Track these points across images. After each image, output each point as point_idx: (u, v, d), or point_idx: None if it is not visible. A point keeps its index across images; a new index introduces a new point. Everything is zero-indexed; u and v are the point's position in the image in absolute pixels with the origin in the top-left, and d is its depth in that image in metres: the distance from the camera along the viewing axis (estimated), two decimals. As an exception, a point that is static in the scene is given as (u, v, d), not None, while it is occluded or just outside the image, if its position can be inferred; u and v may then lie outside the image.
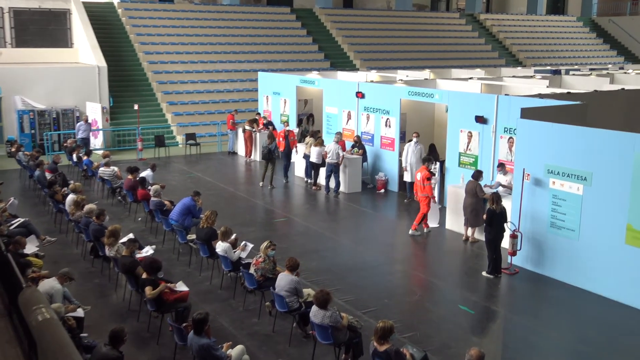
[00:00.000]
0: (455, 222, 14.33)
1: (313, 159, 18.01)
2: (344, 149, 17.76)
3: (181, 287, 9.37)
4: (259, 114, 23.51)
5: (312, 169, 18.44)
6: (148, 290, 8.98)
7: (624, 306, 10.30)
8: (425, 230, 14.17)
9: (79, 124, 22.61)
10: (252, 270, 9.86)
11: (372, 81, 22.08)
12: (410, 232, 14.08)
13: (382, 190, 17.89)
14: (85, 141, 22.17)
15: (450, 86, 19.61)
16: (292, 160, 19.37)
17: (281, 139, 18.80)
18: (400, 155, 18.44)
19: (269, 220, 15.49)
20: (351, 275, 11.76)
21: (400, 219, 15.69)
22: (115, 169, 17.09)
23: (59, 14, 27.60)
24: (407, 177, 16.77)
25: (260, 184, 18.63)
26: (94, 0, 30.60)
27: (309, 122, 22.94)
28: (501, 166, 13.82)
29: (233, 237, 11.27)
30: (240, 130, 23.02)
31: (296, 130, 21.15)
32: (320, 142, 17.94)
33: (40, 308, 3.97)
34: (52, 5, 27.69)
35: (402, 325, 9.38)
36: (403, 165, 16.72)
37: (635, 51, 44.83)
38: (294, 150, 19.26)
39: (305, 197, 17.85)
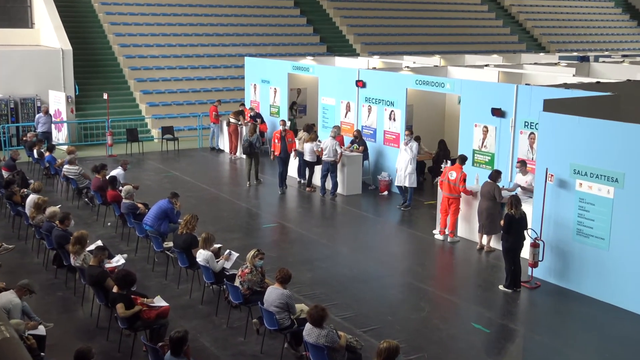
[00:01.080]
0: (468, 228, 14.33)
1: (307, 156, 17.95)
2: (342, 145, 17.72)
3: (159, 302, 9.37)
4: (244, 104, 23.64)
5: (305, 167, 18.41)
6: (120, 309, 9.00)
7: (660, 325, 10.49)
8: (449, 238, 14.19)
9: (37, 116, 22.50)
10: (237, 283, 9.86)
11: (374, 68, 22.09)
12: (448, 239, 14.18)
13: (386, 193, 17.88)
14: (47, 135, 22.12)
15: (463, 74, 19.66)
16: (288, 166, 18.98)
17: (276, 140, 18.08)
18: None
19: (257, 225, 15.51)
20: (350, 288, 11.76)
21: (405, 224, 15.66)
22: (81, 168, 17.21)
23: (18, -10, 27.86)
24: (396, 181, 16.65)
25: (247, 184, 18.77)
26: (57, -26, 30.98)
27: (294, 111, 23.07)
28: (521, 164, 13.97)
29: (216, 244, 11.30)
30: (224, 124, 23.04)
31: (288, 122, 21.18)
32: (314, 137, 17.92)
33: (-2, 325, 3.97)
34: (10, -21, 27.82)
35: (408, 346, 9.38)
36: (396, 166, 16.67)
37: (673, 35, 45.16)
38: (292, 154, 18.58)
39: (298, 200, 17.80)
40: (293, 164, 19.27)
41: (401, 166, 16.34)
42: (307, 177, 18.38)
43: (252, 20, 32.25)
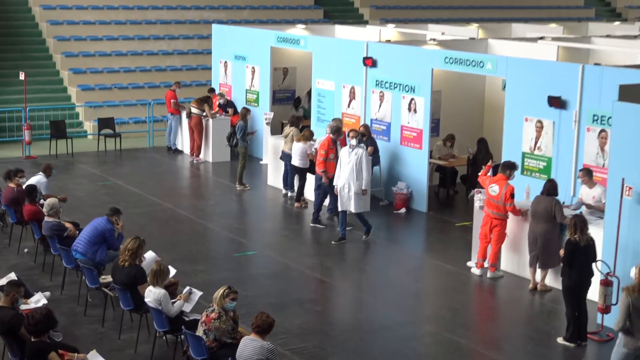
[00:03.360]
0: (514, 260, 14.30)
1: (295, 160, 17.88)
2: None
3: (95, 359, 9.35)
4: (213, 89, 23.47)
5: (294, 175, 18.41)
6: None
7: None
8: (489, 273, 14.12)
9: None
10: (200, 332, 9.80)
11: (388, 41, 22.14)
12: (488, 274, 14.15)
13: (403, 210, 17.81)
14: None
15: (509, 50, 19.43)
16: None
17: (331, 155, 16.61)
18: (431, 156, 18.60)
19: (228, 253, 15.47)
20: (354, 340, 11.72)
21: (431, 253, 15.64)
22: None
23: None
24: (343, 205, 15.75)
25: (237, 187, 19.25)
26: None
27: (309, 100, 22.69)
28: (586, 173, 13.91)
29: (171, 278, 11.28)
30: (184, 115, 22.92)
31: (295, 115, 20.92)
32: (308, 136, 17.91)
33: None
34: None
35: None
36: (334, 183, 16.18)
37: None
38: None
39: (283, 219, 17.79)
40: (274, 165, 19.63)
41: (343, 182, 15.82)
42: (295, 188, 18.35)
43: (222, -26, 32.73)
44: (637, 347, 9.56)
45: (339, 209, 16.07)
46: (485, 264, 14.36)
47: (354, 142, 15.94)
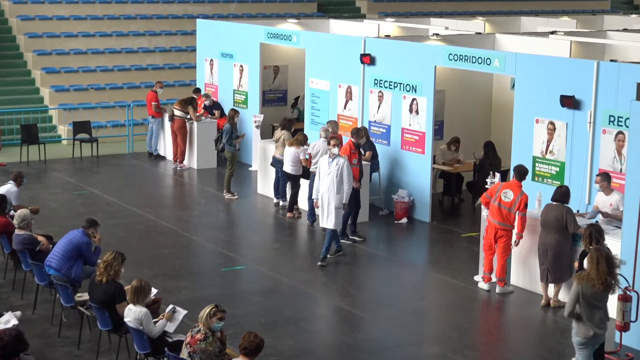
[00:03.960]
0: (525, 273, 14.29)
1: (287, 166, 17.96)
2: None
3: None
4: (198, 90, 23.53)
5: (285, 182, 18.49)
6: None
7: None
8: (498, 288, 14.11)
9: None
10: (184, 354, 9.72)
11: (387, 36, 22.13)
12: (497, 289, 14.15)
13: (404, 220, 17.85)
14: None
15: (518, 46, 19.46)
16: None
17: (354, 160, 16.87)
18: (435, 162, 18.66)
19: (215, 268, 15.48)
20: (352, 362, 11.79)
21: (435, 267, 15.61)
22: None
23: None
24: (322, 221, 15.64)
25: (225, 196, 19.38)
26: None
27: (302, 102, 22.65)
28: (604, 178, 13.86)
29: (152, 296, 11.27)
30: (167, 118, 22.89)
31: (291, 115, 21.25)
32: (301, 140, 17.93)
33: None
34: None
35: None
36: (313, 196, 16.16)
37: None
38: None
39: (274, 231, 17.83)
40: (264, 172, 19.57)
41: (323, 196, 15.56)
42: (287, 196, 18.44)
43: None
44: (588, 335, 10.12)
45: (321, 225, 16.07)
46: (493, 278, 14.33)
47: (335, 150, 15.78)
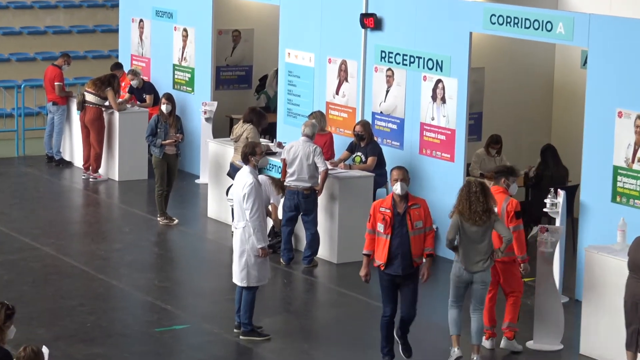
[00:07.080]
0: (601, 337, 14.25)
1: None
2: (328, 155, 17.67)
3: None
4: (120, 65, 23.31)
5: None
6: None
7: None
8: (505, 342, 14.58)
9: None
10: None
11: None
12: (502, 344, 14.55)
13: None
14: None
15: (593, 4, 19.10)
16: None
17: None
18: (469, 172, 18.28)
19: (144, 328, 15.40)
20: None
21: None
22: None
23: None
24: None
25: (160, 221, 19.91)
26: None
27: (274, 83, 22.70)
28: None
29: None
30: (74, 106, 22.69)
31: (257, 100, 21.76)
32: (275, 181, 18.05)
33: None
34: None
35: None
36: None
37: None
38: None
39: (231, 272, 17.59)
40: (221, 185, 20.00)
41: None
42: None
43: None
44: (460, 275, 14.00)
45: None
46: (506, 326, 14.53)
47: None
